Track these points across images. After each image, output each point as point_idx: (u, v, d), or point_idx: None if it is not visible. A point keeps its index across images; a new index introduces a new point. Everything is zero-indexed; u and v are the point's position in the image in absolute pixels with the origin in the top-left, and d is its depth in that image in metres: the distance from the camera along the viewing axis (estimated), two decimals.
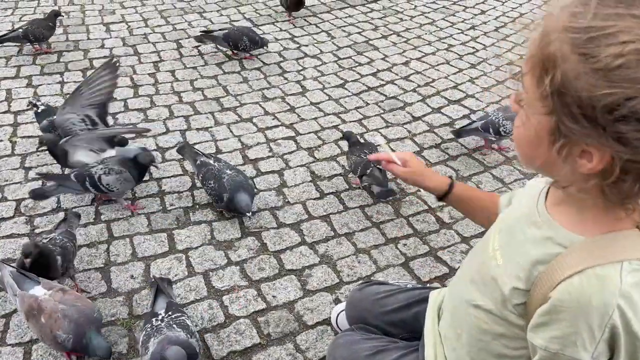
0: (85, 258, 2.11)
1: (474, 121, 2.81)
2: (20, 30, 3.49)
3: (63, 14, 4.17)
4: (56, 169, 2.57)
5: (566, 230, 0.86)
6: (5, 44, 3.57)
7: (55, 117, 2.46)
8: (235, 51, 3.62)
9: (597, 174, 0.76)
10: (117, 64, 2.57)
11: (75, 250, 1.98)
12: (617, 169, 0.72)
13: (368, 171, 2.35)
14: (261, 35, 3.64)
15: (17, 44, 3.62)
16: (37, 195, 2.26)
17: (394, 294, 1.49)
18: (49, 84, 3.27)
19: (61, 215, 2.30)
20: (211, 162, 2.37)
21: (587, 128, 0.72)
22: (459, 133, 2.78)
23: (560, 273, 0.82)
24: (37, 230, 2.22)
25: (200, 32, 3.69)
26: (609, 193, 0.77)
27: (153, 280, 1.91)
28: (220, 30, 3.60)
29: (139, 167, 2.31)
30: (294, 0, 4.05)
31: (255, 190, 2.41)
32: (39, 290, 1.71)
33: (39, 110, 2.71)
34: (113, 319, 1.88)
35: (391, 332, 1.43)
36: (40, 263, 1.79)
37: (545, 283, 0.85)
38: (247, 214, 2.23)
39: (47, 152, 2.42)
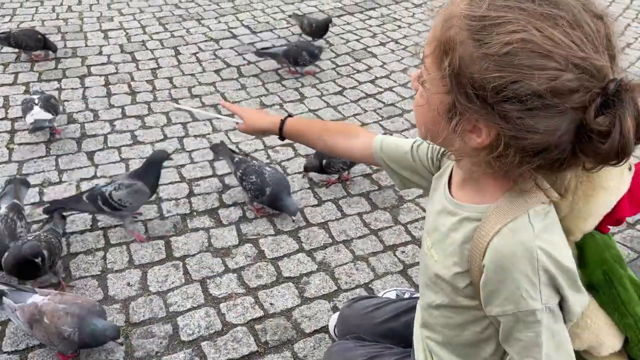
0: (82, 265, 2.10)
1: (274, 46, 3.44)
2: (7, 32, 3.49)
3: (62, 22, 4.18)
4: (53, 176, 2.56)
5: (473, 204, 0.95)
6: (3, 51, 3.57)
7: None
8: (295, 67, 3.55)
9: (485, 148, 0.83)
10: None
11: (60, 247, 2.00)
12: (501, 144, 0.80)
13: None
14: (317, 46, 3.59)
15: (2, 45, 3.61)
16: (49, 211, 2.17)
17: (382, 307, 1.52)
18: (46, 91, 3.25)
19: None
20: (249, 159, 2.45)
21: (478, 106, 0.79)
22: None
23: (483, 241, 0.89)
24: None
25: (259, 49, 3.65)
26: (495, 165, 0.84)
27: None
28: (279, 46, 3.59)
29: (152, 171, 2.22)
30: (320, 26, 3.83)
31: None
32: (37, 298, 1.74)
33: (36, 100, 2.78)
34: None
35: (382, 343, 1.43)
36: (29, 262, 1.84)
37: (475, 256, 0.91)
38: (293, 217, 2.31)
39: (43, 159, 2.41)
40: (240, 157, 2.46)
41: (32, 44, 3.49)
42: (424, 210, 2.44)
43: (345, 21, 4.42)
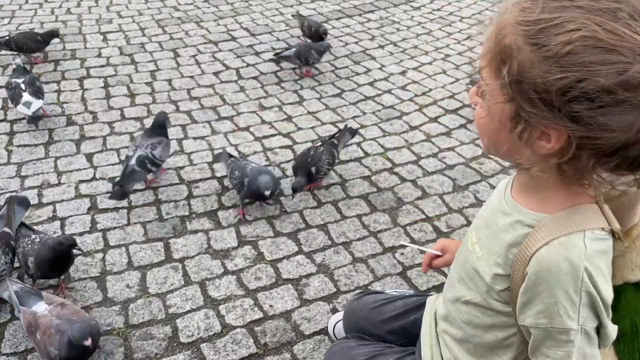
0: (81, 267, 2.09)
1: (288, 48, 3.57)
2: (6, 37, 3.51)
3: (61, 24, 4.18)
4: (52, 177, 2.56)
5: (531, 211, 0.93)
6: (2, 53, 3.58)
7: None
8: (305, 68, 3.59)
9: (555, 154, 0.81)
10: None
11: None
12: (573, 146, 0.78)
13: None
14: (326, 44, 3.64)
15: (1, 49, 3.60)
16: (115, 197, 2.38)
17: (392, 302, 1.50)
18: (45, 93, 3.25)
19: (57, 224, 2.29)
20: (239, 160, 2.48)
21: (544, 111, 0.77)
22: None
23: (530, 249, 0.87)
24: None
25: (274, 54, 3.67)
26: (567, 170, 0.82)
27: None
28: (287, 49, 3.61)
29: (163, 131, 2.54)
30: (318, 34, 3.79)
31: (278, 181, 2.43)
32: (40, 306, 1.73)
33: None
34: (109, 328, 1.86)
35: (390, 340, 1.43)
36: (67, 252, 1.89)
37: (520, 262, 0.90)
38: (265, 192, 2.25)
39: (42, 160, 2.41)
40: (232, 159, 2.49)
41: (33, 46, 3.51)
42: (423, 212, 2.44)
43: (344, 24, 4.42)
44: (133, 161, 2.39)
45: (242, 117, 3.11)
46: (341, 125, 3.07)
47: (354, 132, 2.77)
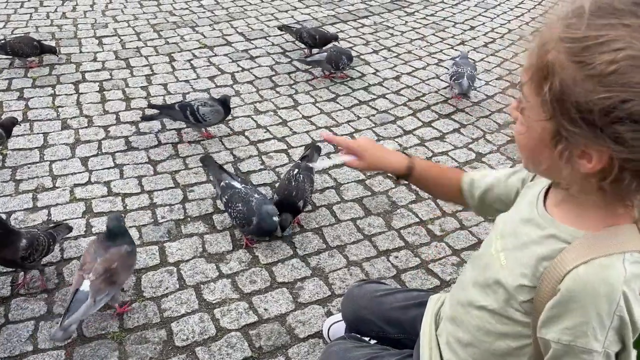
0: (75, 271, 2.09)
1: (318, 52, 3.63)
2: (2, 41, 3.52)
3: (56, 29, 4.18)
4: (47, 181, 2.56)
5: (568, 227, 0.91)
6: None
7: None
8: (334, 72, 3.62)
9: (596, 174, 0.80)
10: None
11: (48, 246, 1.99)
12: (615, 168, 0.76)
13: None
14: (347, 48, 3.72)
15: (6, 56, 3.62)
16: (146, 118, 2.94)
17: (393, 294, 1.50)
18: (40, 97, 3.27)
19: None
20: (237, 184, 2.29)
21: (585, 130, 0.76)
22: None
23: (567, 265, 0.86)
24: None
25: (305, 57, 3.71)
26: (609, 191, 0.81)
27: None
28: (318, 53, 3.64)
29: (225, 106, 2.84)
30: (322, 40, 3.80)
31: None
32: None
33: None
34: (103, 332, 1.86)
35: (386, 330, 1.43)
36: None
37: (552, 277, 0.88)
38: (278, 233, 2.22)
39: (37, 164, 2.41)
40: (227, 182, 2.31)
41: (29, 51, 3.51)
42: (417, 216, 2.45)
43: (338, 29, 4.45)
44: (179, 104, 2.81)
45: (237, 121, 3.12)
46: (336, 130, 3.09)
47: (319, 150, 2.62)
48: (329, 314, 1.96)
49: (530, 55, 0.83)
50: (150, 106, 2.98)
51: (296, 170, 2.37)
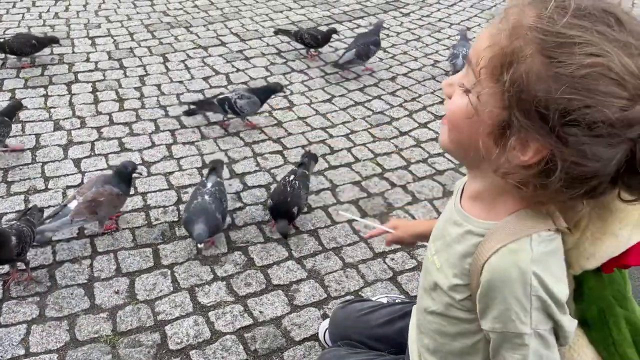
0: (68, 274, 2.06)
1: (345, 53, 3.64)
2: (1, 39, 3.50)
3: (49, 29, 4.15)
4: (39, 183, 2.53)
5: (481, 220, 0.93)
6: None
7: None
8: (365, 63, 3.73)
9: (526, 167, 0.79)
10: None
11: (32, 236, 1.99)
12: (553, 166, 0.76)
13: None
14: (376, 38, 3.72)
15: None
16: (188, 113, 3.05)
17: (377, 310, 1.51)
18: (32, 98, 3.23)
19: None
20: (208, 184, 2.27)
21: (537, 125, 0.75)
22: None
23: (482, 258, 0.88)
24: None
25: (337, 62, 3.69)
26: (529, 186, 0.80)
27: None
28: (345, 54, 3.65)
29: (264, 91, 3.00)
30: (324, 38, 3.82)
31: (221, 221, 2.18)
32: None
33: None
34: (96, 335, 1.84)
35: (376, 348, 1.43)
36: None
37: (475, 272, 0.90)
38: (199, 245, 2.09)
39: (29, 166, 2.38)
40: (203, 181, 2.30)
41: (28, 50, 3.50)
42: (413, 218, 2.44)
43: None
44: (217, 98, 2.97)
45: (231, 122, 3.10)
46: (332, 131, 3.07)
47: (316, 158, 2.65)
48: (324, 316, 1.94)
49: (495, 35, 0.79)
50: (188, 103, 3.12)
51: (292, 176, 2.35)
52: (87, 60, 3.72)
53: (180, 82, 3.51)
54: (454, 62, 3.51)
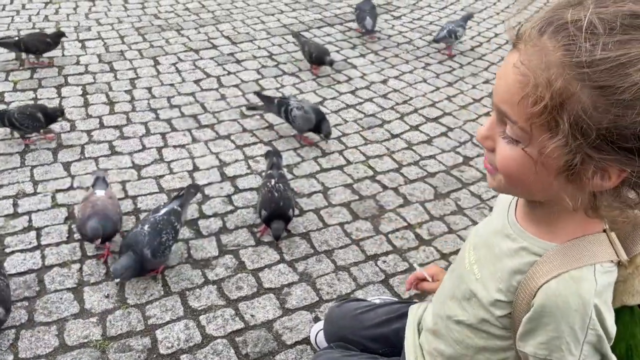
0: (57, 278, 2.04)
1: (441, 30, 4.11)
2: (17, 37, 3.55)
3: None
4: (28, 187, 2.51)
5: (539, 239, 0.89)
6: None
7: None
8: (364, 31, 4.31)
9: (608, 191, 0.77)
10: None
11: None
12: (631, 184, 0.74)
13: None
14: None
15: (10, 50, 3.63)
16: (251, 107, 3.13)
17: (374, 309, 1.49)
18: (21, 101, 3.21)
19: (32, 234, 2.24)
20: (161, 212, 2.09)
21: (612, 154, 0.70)
22: (436, 40, 4.11)
23: (538, 280, 0.85)
24: (7, 250, 2.15)
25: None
26: (600, 204, 0.78)
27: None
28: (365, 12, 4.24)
29: (319, 118, 2.86)
30: (321, 61, 3.66)
31: (150, 256, 1.97)
32: None
33: None
34: (86, 340, 1.82)
35: (371, 348, 1.42)
36: None
37: (525, 292, 0.87)
38: (115, 280, 1.93)
39: (18, 169, 2.35)
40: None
41: (43, 48, 3.54)
42: (405, 220, 2.44)
43: (325, 32, 4.43)
44: (277, 100, 2.96)
45: (222, 125, 3.09)
46: None
47: (280, 155, 2.63)
48: (316, 319, 1.93)
49: (525, 83, 0.72)
50: (257, 94, 3.14)
51: (273, 180, 2.32)
52: (77, 63, 3.70)
53: (171, 85, 3.50)
54: (437, 37, 4.11)
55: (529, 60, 0.72)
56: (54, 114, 2.79)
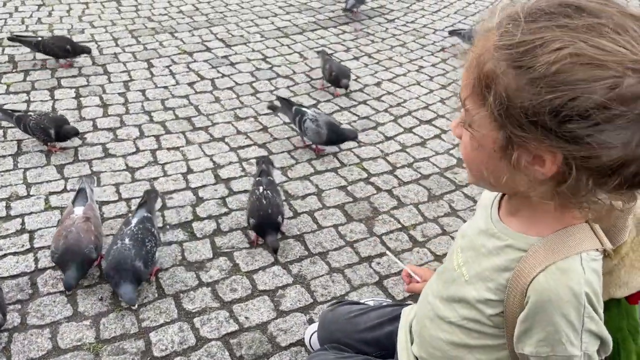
0: (50, 281, 2.04)
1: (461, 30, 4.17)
2: (39, 39, 3.60)
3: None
4: (21, 189, 2.50)
5: (523, 235, 0.90)
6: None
7: None
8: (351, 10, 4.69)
9: (552, 178, 0.79)
10: None
11: None
12: (573, 169, 0.75)
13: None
14: None
15: (30, 49, 3.69)
16: (271, 107, 3.11)
17: (366, 312, 1.49)
18: (14, 104, 3.19)
19: (25, 237, 2.23)
20: (125, 225, 2.08)
21: (537, 133, 0.74)
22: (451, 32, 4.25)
23: (526, 275, 0.85)
24: (0, 253, 2.15)
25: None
26: (567, 194, 0.79)
27: None
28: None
29: (336, 135, 2.80)
30: (337, 83, 3.46)
31: (143, 267, 1.95)
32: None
33: None
34: (79, 343, 1.81)
35: (364, 351, 1.42)
36: None
37: (516, 289, 0.87)
38: (133, 306, 1.93)
39: (10, 172, 2.34)
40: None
41: (61, 54, 3.58)
42: (399, 222, 2.44)
43: (319, 35, 4.44)
44: (296, 107, 2.94)
45: (217, 128, 3.09)
46: None
47: (271, 161, 2.63)
48: (310, 321, 1.93)
49: (468, 68, 0.82)
50: (278, 98, 3.18)
51: (261, 187, 2.30)
52: (71, 65, 3.69)
53: (165, 87, 3.49)
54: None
55: (477, 47, 0.81)
56: (67, 134, 2.74)
